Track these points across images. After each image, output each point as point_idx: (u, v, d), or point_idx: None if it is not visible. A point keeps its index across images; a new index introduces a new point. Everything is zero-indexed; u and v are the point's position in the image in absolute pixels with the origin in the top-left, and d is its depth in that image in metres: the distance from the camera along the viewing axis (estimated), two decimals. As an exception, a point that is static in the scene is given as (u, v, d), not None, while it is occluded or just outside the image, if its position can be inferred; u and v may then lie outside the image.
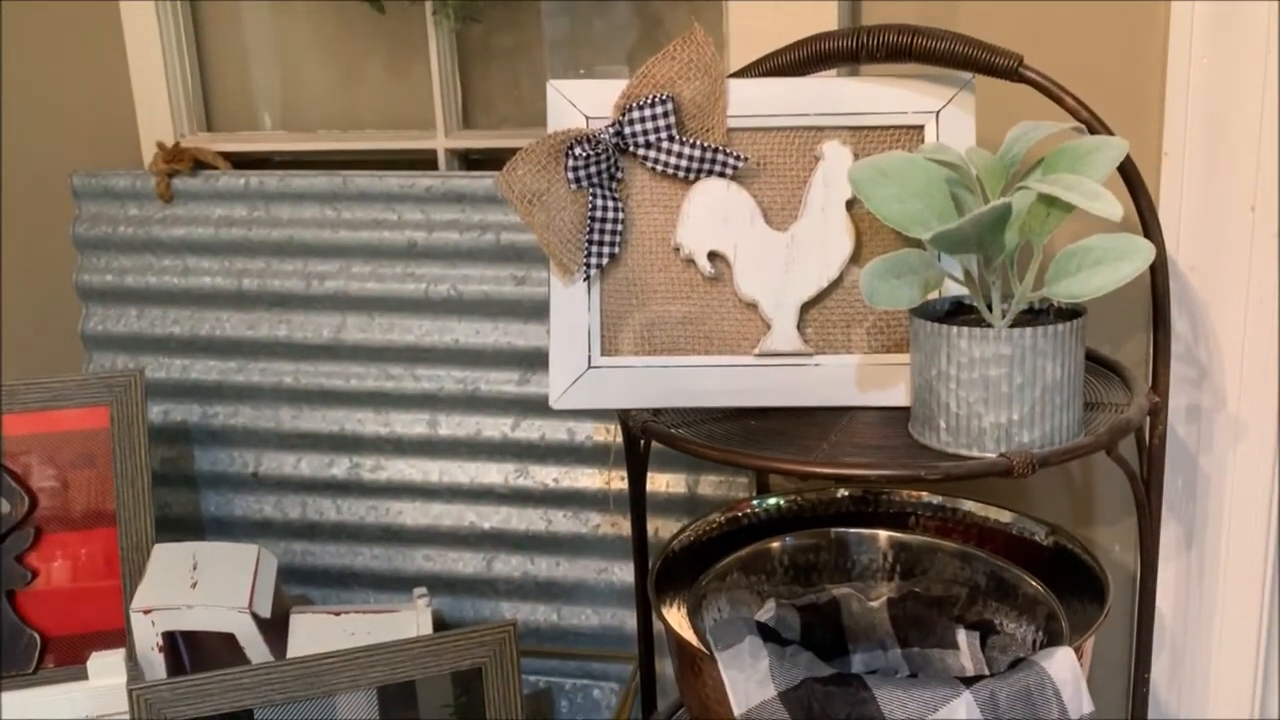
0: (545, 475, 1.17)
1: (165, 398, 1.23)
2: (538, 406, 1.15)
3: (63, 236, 1.24)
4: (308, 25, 1.26)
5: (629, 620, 1.16)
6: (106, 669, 0.93)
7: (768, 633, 0.83)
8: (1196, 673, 1.15)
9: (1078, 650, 0.80)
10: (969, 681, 0.76)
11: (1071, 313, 0.76)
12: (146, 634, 0.96)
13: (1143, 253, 0.69)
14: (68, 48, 1.27)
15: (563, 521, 1.17)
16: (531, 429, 1.16)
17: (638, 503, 0.95)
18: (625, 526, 1.15)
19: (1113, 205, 0.68)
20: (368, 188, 1.15)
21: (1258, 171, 1.02)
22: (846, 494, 1.08)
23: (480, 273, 1.14)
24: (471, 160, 1.24)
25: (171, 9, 1.23)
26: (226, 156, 1.21)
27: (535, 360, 1.14)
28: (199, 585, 1.00)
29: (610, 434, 1.14)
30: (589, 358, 0.86)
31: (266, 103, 1.29)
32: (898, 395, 0.84)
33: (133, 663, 0.97)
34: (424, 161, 1.22)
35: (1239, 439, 1.09)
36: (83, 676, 0.97)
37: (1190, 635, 1.14)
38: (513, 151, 0.85)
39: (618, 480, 1.15)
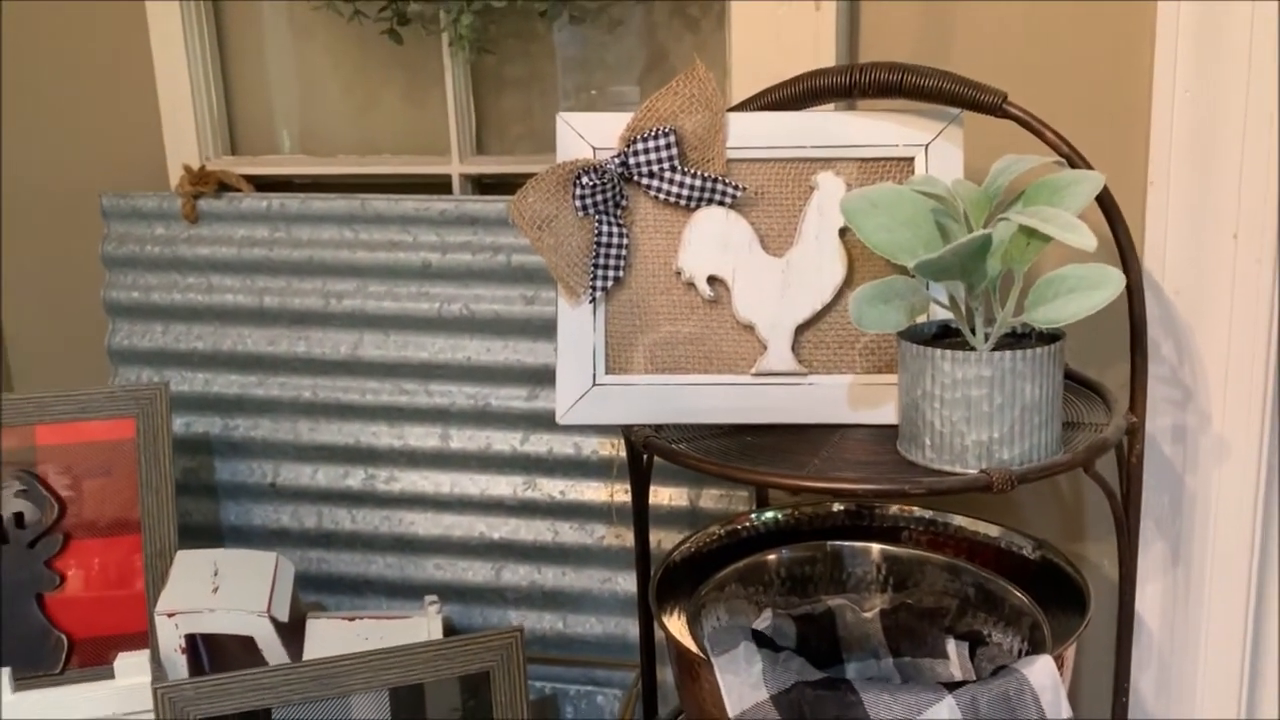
0: (552, 488, 1.21)
1: (188, 410, 1.27)
2: (546, 421, 1.19)
3: (91, 255, 1.30)
4: (328, 54, 1.31)
5: (631, 629, 1.20)
6: (132, 669, 0.98)
7: (762, 640, 0.87)
8: (1184, 684, 1.18)
9: (1059, 658, 0.84)
10: (952, 686, 0.80)
11: (1050, 337, 0.80)
12: (170, 636, 1.01)
13: (1114, 282, 0.73)
14: (97, 73, 1.32)
15: (569, 533, 1.21)
16: (540, 443, 1.20)
17: (640, 515, 0.99)
18: (628, 538, 1.19)
19: (1087, 237, 0.72)
20: (384, 210, 1.20)
21: (1239, 201, 1.06)
22: (841, 509, 1.12)
23: (491, 292, 1.19)
24: (484, 184, 1.29)
25: (198, 38, 1.28)
26: (249, 179, 1.26)
27: (544, 377, 1.19)
28: (220, 590, 1.04)
29: (615, 448, 1.19)
30: (594, 375, 0.90)
31: (288, 128, 1.35)
32: (887, 414, 0.88)
33: (156, 663, 1.01)
34: (439, 185, 1.26)
35: (1223, 459, 1.12)
36: (108, 676, 1.01)
37: (1177, 647, 1.18)
38: (524, 177, 0.90)
39: (621, 494, 1.19)
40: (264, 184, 1.28)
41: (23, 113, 1.36)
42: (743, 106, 0.92)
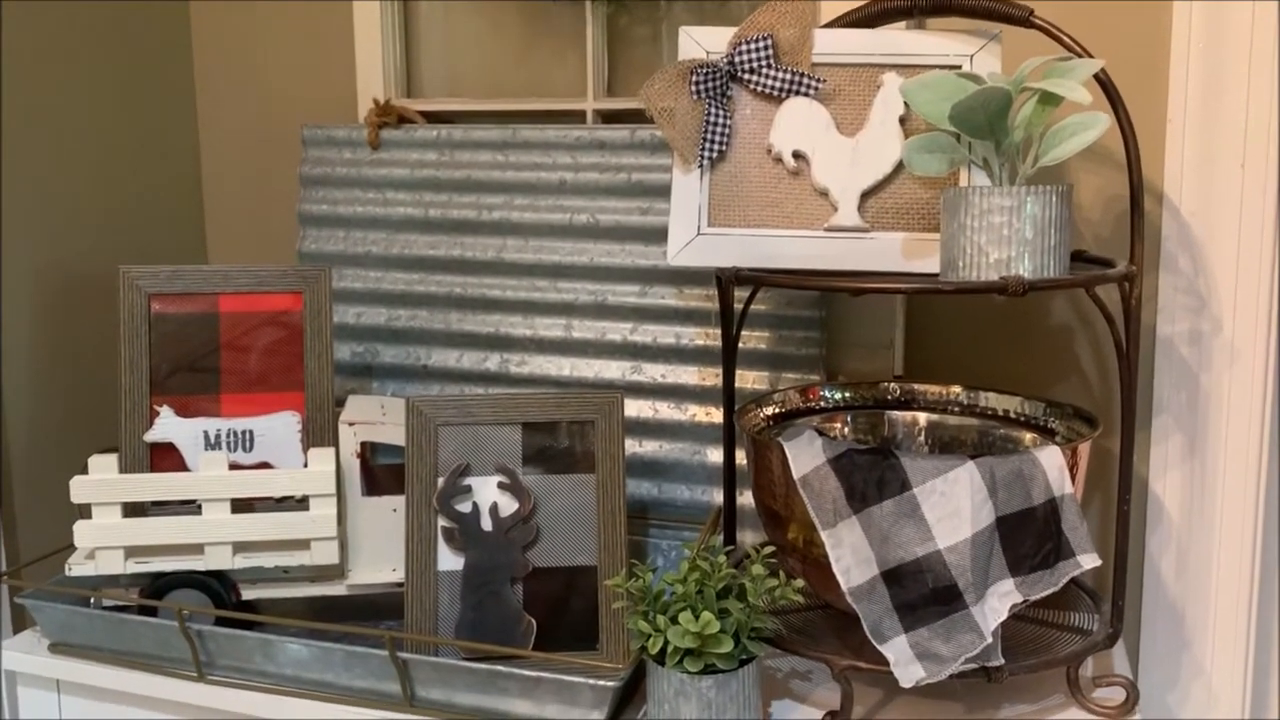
0: (655, 372, 1.44)
1: (360, 303, 1.54)
2: (653, 315, 1.43)
3: (284, 175, 1.59)
4: (490, 17, 1.61)
5: (716, 496, 1.41)
6: (321, 459, 1.23)
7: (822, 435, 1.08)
8: (1200, 565, 1.34)
9: (1071, 457, 1.03)
10: (974, 457, 1.00)
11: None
12: (349, 441, 1.26)
13: (1102, 122, 0.95)
14: (304, 29, 1.64)
15: (666, 410, 1.43)
16: (646, 334, 1.44)
17: (729, 353, 1.21)
18: (717, 416, 1.41)
19: (1082, 93, 0.95)
20: (531, 137, 1.47)
21: (1245, 135, 1.27)
22: (896, 388, 1.32)
23: (614, 204, 1.44)
24: (611, 120, 1.55)
25: (390, 7, 1.59)
26: (422, 114, 1.55)
27: (654, 276, 1.43)
28: (387, 414, 1.29)
29: (709, 338, 1.41)
30: (699, 227, 1.14)
31: (455, 77, 1.64)
32: (931, 265, 1.10)
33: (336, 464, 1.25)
34: (575, 120, 1.53)
35: (1234, 361, 1.30)
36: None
37: (1194, 532, 1.34)
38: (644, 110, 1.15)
39: (713, 377, 1.41)
40: (434, 118, 1.57)
41: (244, 63, 1.69)
42: (828, 26, 1.16)
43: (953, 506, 0.98)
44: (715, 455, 1.41)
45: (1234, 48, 1.25)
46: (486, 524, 1.18)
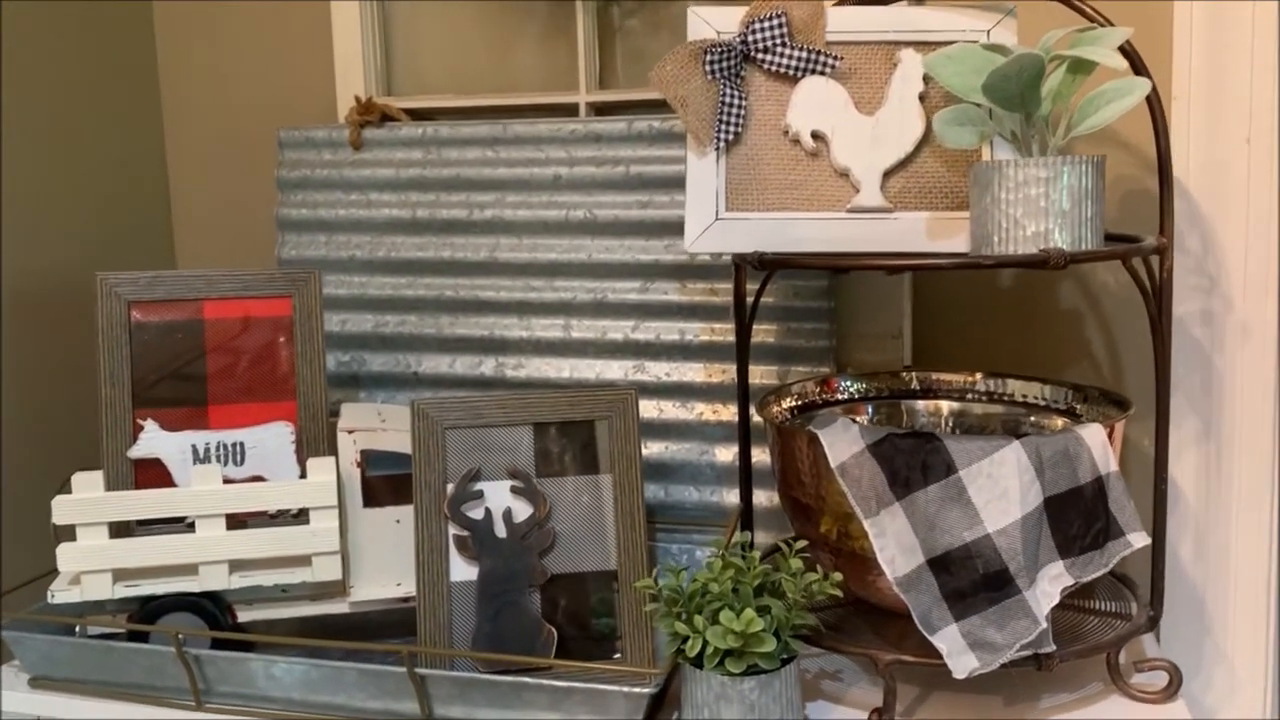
0: (659, 370, 1.39)
1: (345, 310, 1.48)
2: (655, 311, 1.38)
3: (258, 179, 1.53)
4: (472, 8, 1.56)
5: (726, 496, 1.36)
6: (321, 469, 1.16)
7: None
8: (1219, 549, 1.33)
9: (1109, 432, 1.00)
10: (1019, 436, 0.97)
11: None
12: (348, 450, 1.19)
13: (1141, 87, 0.93)
14: (284, 33, 1.58)
15: (672, 410, 1.39)
16: (649, 331, 1.39)
17: (742, 345, 1.17)
18: (725, 414, 1.37)
19: (1118, 59, 0.93)
20: (522, 132, 1.42)
21: (1250, 109, 1.26)
22: (915, 379, 1.29)
23: (611, 199, 1.39)
24: (605, 113, 1.50)
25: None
26: (406, 112, 1.49)
27: (654, 271, 1.38)
28: (386, 420, 1.23)
29: (714, 333, 1.37)
30: (717, 212, 1.10)
31: (438, 74, 1.58)
32: (958, 244, 1.07)
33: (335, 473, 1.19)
34: (567, 113, 1.49)
35: (1245, 341, 1.29)
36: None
37: (1211, 515, 1.33)
38: (641, 102, 1.11)
39: (719, 374, 1.37)
40: (419, 116, 1.51)
41: (212, 64, 1.62)
42: (840, 3, 1.13)
43: (1001, 488, 0.94)
44: (724, 455, 1.37)
45: (1236, 21, 1.25)
46: (500, 530, 1.12)
